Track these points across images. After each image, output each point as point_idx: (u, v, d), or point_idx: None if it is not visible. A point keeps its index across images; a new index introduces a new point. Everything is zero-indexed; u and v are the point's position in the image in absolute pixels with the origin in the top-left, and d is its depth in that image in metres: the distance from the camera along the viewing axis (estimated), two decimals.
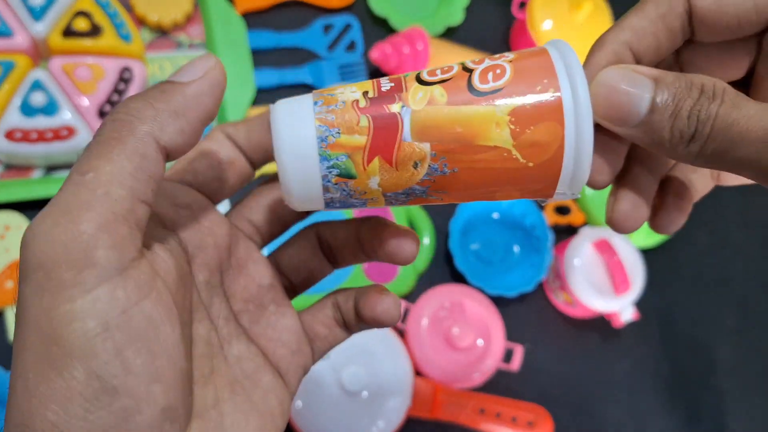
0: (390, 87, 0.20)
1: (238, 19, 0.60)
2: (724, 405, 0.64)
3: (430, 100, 0.20)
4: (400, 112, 0.20)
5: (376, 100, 0.20)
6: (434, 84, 0.20)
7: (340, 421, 0.50)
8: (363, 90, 0.21)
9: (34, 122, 0.51)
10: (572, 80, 0.20)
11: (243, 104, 0.58)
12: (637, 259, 0.58)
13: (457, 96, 0.20)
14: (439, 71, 0.21)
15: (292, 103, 0.21)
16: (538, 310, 0.62)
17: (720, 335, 0.66)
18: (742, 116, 0.19)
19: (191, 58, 0.59)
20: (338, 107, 0.20)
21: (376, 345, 0.53)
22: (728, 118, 0.19)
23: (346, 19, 0.65)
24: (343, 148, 0.20)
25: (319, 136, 0.20)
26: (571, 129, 0.20)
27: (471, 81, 0.20)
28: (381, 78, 0.21)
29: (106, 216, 0.17)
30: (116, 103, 0.53)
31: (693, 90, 0.20)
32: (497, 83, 0.20)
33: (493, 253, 0.62)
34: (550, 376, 0.60)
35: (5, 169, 0.53)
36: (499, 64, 0.21)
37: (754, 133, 0.19)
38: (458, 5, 0.67)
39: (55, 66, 0.52)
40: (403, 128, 0.20)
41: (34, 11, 0.52)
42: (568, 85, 0.20)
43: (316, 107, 0.20)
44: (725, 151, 0.20)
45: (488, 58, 0.21)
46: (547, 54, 0.21)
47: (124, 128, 0.19)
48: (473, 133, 0.20)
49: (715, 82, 0.20)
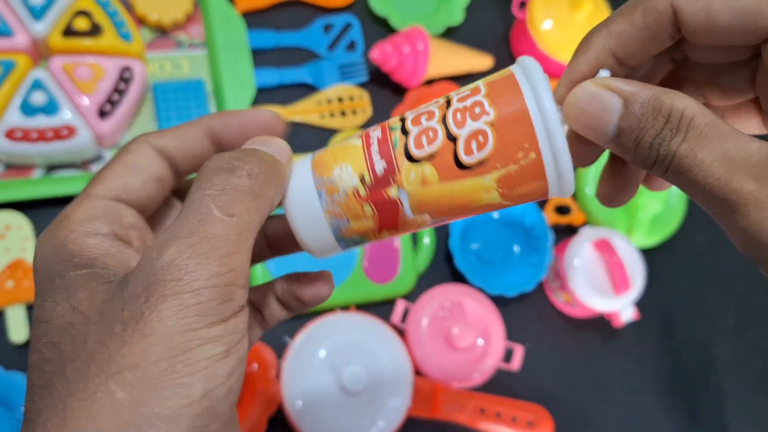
0: (384, 169, 0.22)
1: (238, 19, 0.60)
2: (724, 403, 0.64)
3: (423, 180, 0.22)
4: (398, 196, 0.22)
5: (374, 187, 0.22)
6: (423, 161, 0.22)
7: (341, 421, 0.50)
8: (359, 173, 0.22)
9: (35, 122, 0.51)
10: (551, 137, 0.21)
11: (243, 104, 0.58)
12: (637, 258, 0.58)
13: (446, 173, 0.22)
14: (425, 140, 0.22)
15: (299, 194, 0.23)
16: (538, 310, 0.62)
17: (719, 334, 0.66)
18: (697, 163, 0.19)
19: (191, 58, 0.59)
20: (341, 197, 0.23)
21: (377, 344, 0.53)
22: (685, 161, 0.19)
23: (346, 18, 0.65)
24: (355, 232, 0.23)
25: (333, 228, 0.23)
26: (552, 178, 0.21)
27: (457, 154, 0.22)
28: (370, 136, 0.23)
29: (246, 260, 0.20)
30: (116, 102, 0.53)
31: (658, 118, 0.20)
32: (482, 154, 0.21)
33: (494, 253, 0.62)
34: (550, 376, 0.60)
35: (5, 169, 0.53)
36: (479, 128, 0.21)
37: (702, 186, 0.19)
38: (458, 5, 0.67)
39: (55, 65, 0.52)
40: (403, 208, 0.22)
41: (34, 11, 0.52)
42: (547, 144, 0.21)
43: (322, 200, 0.23)
44: (684, 187, 0.20)
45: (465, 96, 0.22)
46: (524, 102, 0.21)
47: None
48: (466, 201, 0.22)
49: (685, 108, 0.20)
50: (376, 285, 0.56)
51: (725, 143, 0.19)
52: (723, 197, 0.19)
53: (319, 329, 0.52)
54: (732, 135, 0.19)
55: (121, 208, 0.23)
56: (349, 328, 0.53)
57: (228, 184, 0.20)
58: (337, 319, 0.53)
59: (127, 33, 0.55)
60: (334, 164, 0.23)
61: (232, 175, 0.20)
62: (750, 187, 0.19)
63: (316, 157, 0.24)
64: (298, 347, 0.51)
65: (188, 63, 0.59)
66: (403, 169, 0.22)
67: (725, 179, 0.19)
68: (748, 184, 0.19)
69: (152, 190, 0.24)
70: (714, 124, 0.19)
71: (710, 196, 0.19)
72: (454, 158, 0.21)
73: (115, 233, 0.22)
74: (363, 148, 0.23)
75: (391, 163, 0.22)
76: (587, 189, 0.63)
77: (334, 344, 0.52)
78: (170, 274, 0.18)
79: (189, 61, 0.59)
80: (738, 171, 0.19)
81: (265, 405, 0.50)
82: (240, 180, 0.20)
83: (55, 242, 0.21)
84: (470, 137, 0.21)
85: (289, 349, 0.51)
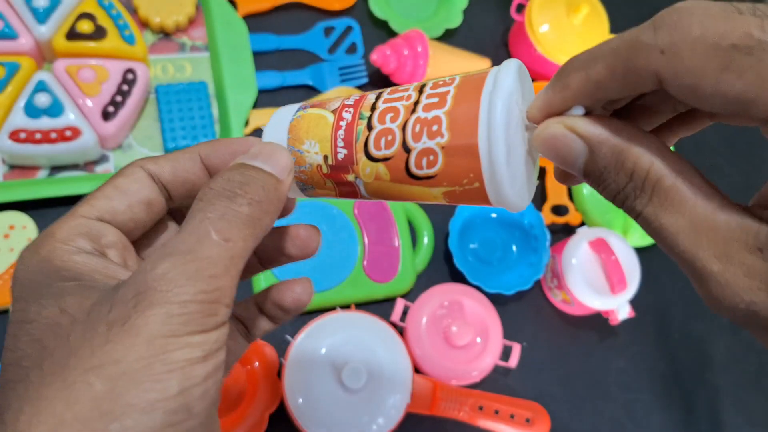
0: (344, 157, 0.24)
1: (240, 22, 0.61)
2: (720, 401, 0.64)
3: (376, 176, 0.24)
4: (354, 181, 0.24)
5: (335, 168, 0.24)
6: (379, 161, 0.23)
7: (340, 418, 0.51)
8: (323, 153, 0.24)
9: (39, 123, 0.51)
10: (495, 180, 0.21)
11: (245, 106, 0.59)
12: (633, 258, 0.59)
13: (397, 176, 0.23)
14: (383, 143, 0.23)
15: None
16: (535, 309, 0.62)
17: (715, 332, 0.66)
18: (663, 230, 0.19)
19: (193, 60, 0.60)
20: (306, 168, 0.25)
21: (377, 343, 0.53)
22: (651, 225, 0.19)
23: (346, 21, 0.66)
24: (319, 195, 0.26)
25: (300, 187, 0.26)
26: (495, 202, 0.22)
27: (408, 165, 0.23)
28: (342, 116, 0.24)
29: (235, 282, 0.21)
30: (119, 104, 0.54)
31: (620, 176, 0.19)
32: (430, 171, 0.23)
33: (492, 253, 0.62)
34: (547, 374, 0.60)
35: (10, 170, 0.53)
36: (431, 148, 0.22)
37: (668, 250, 0.19)
38: (457, 8, 0.68)
39: (59, 68, 0.53)
40: (360, 190, 0.25)
41: (38, 14, 0.53)
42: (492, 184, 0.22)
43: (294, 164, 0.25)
44: (654, 239, 0.20)
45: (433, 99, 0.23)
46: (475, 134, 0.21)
47: None
48: (415, 197, 0.24)
49: (650, 167, 0.19)
50: (376, 284, 0.57)
51: (692, 211, 0.18)
52: (686, 266, 0.19)
53: (320, 328, 0.53)
54: (701, 199, 0.18)
55: (103, 226, 0.23)
56: (349, 327, 0.53)
57: (228, 210, 0.21)
58: (337, 317, 0.53)
59: (131, 36, 0.55)
60: (305, 137, 0.25)
61: (233, 202, 0.21)
62: (713, 268, 0.18)
63: (294, 121, 0.25)
64: (299, 345, 0.52)
65: (191, 65, 0.60)
66: (361, 163, 0.24)
67: (690, 252, 0.19)
68: (711, 264, 0.18)
69: (139, 213, 0.24)
70: (681, 186, 0.19)
71: (677, 258, 0.19)
72: (405, 167, 0.23)
73: (97, 251, 0.23)
74: (332, 128, 0.24)
75: (351, 154, 0.24)
76: (584, 189, 0.64)
77: (334, 342, 0.53)
78: (161, 285, 0.19)
79: (191, 64, 0.60)
80: (703, 247, 0.18)
81: (267, 402, 0.50)
82: (240, 208, 0.21)
83: (39, 257, 0.22)
84: (422, 153, 0.22)
85: (291, 348, 0.52)
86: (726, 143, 0.75)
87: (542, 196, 0.65)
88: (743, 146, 0.76)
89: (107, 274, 0.21)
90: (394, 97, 0.24)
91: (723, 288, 0.18)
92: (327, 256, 0.57)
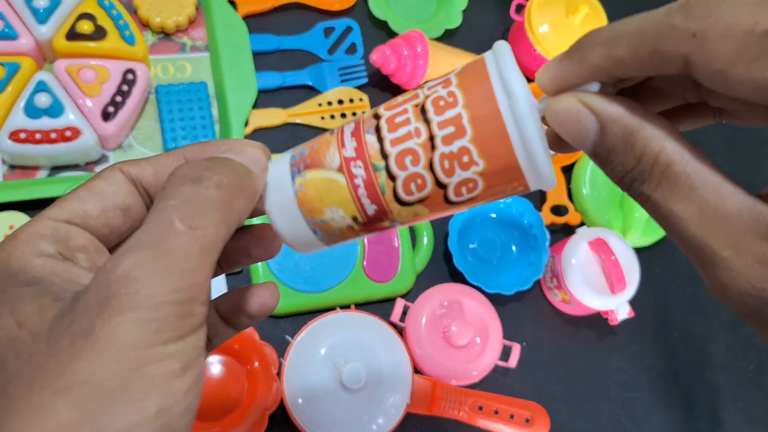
0: (375, 211, 0.23)
1: (240, 22, 0.61)
2: (719, 400, 0.64)
3: (414, 214, 0.23)
4: (391, 225, 0.23)
5: (368, 223, 0.23)
6: (414, 204, 0.22)
7: (340, 418, 0.51)
8: (351, 216, 0.23)
9: (39, 123, 0.51)
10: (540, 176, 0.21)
11: (245, 106, 0.59)
12: (632, 257, 0.59)
13: (436, 208, 0.23)
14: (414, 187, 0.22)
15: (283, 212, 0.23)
16: (535, 309, 0.63)
17: (714, 331, 0.67)
18: (672, 216, 0.18)
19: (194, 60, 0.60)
20: (336, 232, 0.23)
21: (376, 342, 0.53)
22: (660, 210, 0.19)
23: (346, 22, 0.66)
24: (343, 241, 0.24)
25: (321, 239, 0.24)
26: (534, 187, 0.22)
27: (447, 196, 0.22)
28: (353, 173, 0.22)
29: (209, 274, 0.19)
30: (120, 104, 0.54)
31: (629, 157, 0.19)
32: (472, 194, 0.22)
33: (491, 253, 0.63)
34: (547, 374, 0.60)
35: (10, 170, 0.54)
36: (469, 178, 0.21)
37: (675, 236, 0.19)
38: (456, 8, 0.68)
39: (59, 68, 0.53)
40: (395, 228, 0.24)
41: (38, 14, 0.53)
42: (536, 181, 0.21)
43: (317, 235, 0.23)
44: (660, 225, 0.19)
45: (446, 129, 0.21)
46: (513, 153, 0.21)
47: None
48: (453, 213, 0.24)
49: (660, 152, 0.19)
50: (375, 284, 0.57)
51: (703, 198, 0.18)
52: (695, 251, 0.19)
53: (320, 328, 0.53)
54: (712, 187, 0.18)
55: (71, 229, 0.21)
56: (349, 327, 0.53)
57: (194, 194, 0.19)
58: (337, 317, 0.54)
59: (131, 36, 0.55)
60: (323, 206, 0.23)
61: (198, 185, 0.19)
62: (724, 254, 0.18)
63: (299, 194, 0.23)
64: (299, 345, 0.52)
65: (191, 66, 0.60)
66: (395, 211, 0.22)
67: (700, 237, 0.18)
68: (723, 250, 0.18)
69: (114, 218, 0.22)
70: (692, 173, 0.18)
71: (684, 245, 0.19)
72: (444, 199, 0.22)
73: (62, 253, 0.21)
74: (349, 190, 0.22)
75: (382, 207, 0.22)
76: (584, 189, 0.64)
77: (334, 342, 0.53)
78: (126, 287, 0.17)
79: (192, 64, 0.60)
80: (713, 233, 0.18)
81: (267, 402, 0.51)
82: (207, 191, 0.19)
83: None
84: (460, 185, 0.22)
85: (291, 348, 0.52)
86: (726, 143, 0.75)
87: (542, 196, 0.65)
88: (743, 146, 0.76)
89: (69, 278, 0.20)
90: (399, 136, 0.22)
91: (733, 276, 0.18)
92: (327, 256, 0.57)
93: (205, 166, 0.20)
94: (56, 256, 0.20)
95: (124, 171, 0.23)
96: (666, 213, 0.19)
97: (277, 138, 0.61)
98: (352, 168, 0.22)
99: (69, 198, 0.22)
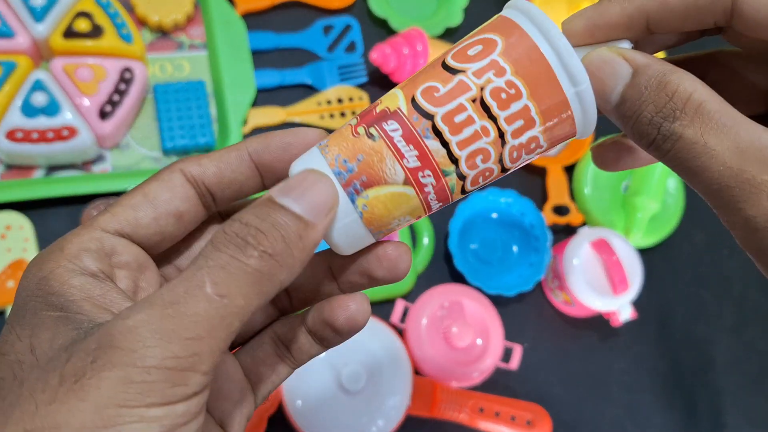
0: (440, 206, 0.22)
1: (239, 20, 0.61)
2: (722, 402, 0.64)
3: None
4: None
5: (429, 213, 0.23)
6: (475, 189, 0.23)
7: (340, 420, 0.51)
8: (416, 216, 0.22)
9: (36, 122, 0.51)
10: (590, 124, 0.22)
11: (243, 105, 0.58)
12: (635, 258, 0.59)
13: None
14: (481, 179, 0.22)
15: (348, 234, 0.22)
16: (536, 310, 0.62)
17: (717, 333, 0.66)
18: (706, 151, 0.18)
19: (191, 59, 0.59)
20: (395, 229, 0.23)
21: (376, 344, 0.53)
22: (692, 147, 0.19)
23: (345, 20, 0.65)
24: None
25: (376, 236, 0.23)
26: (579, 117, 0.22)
27: (505, 172, 0.22)
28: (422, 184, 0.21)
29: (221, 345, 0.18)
30: (117, 103, 0.53)
31: (661, 95, 0.19)
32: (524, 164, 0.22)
33: (492, 253, 0.62)
34: (548, 375, 0.60)
35: (6, 169, 0.53)
36: (532, 157, 0.22)
37: (710, 173, 0.18)
38: (457, 6, 0.68)
39: (56, 66, 0.52)
40: None
41: (35, 12, 0.52)
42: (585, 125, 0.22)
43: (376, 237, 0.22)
44: (685, 174, 0.19)
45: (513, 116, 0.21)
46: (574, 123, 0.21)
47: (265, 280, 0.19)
48: None
49: (694, 92, 0.19)
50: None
51: (737, 132, 0.18)
52: (732, 185, 0.18)
53: None
54: (744, 123, 0.18)
55: (118, 243, 0.21)
56: None
57: (233, 261, 0.18)
58: None
59: (128, 34, 0.55)
60: (391, 218, 0.22)
61: (241, 252, 0.18)
62: (765, 177, 0.18)
63: (365, 216, 0.21)
64: None
65: (189, 64, 0.60)
66: (457, 198, 0.22)
67: (737, 168, 0.18)
68: (763, 175, 0.18)
69: (166, 225, 0.22)
70: (725, 111, 0.19)
71: (716, 184, 0.18)
72: (501, 172, 0.22)
73: (104, 271, 0.20)
74: (420, 200, 0.21)
75: (448, 201, 0.22)
76: (586, 189, 0.64)
77: None
78: (126, 342, 0.16)
79: (190, 62, 0.60)
80: (751, 161, 0.18)
81: (266, 404, 0.50)
82: (248, 260, 0.18)
83: (41, 274, 0.20)
84: (520, 164, 0.22)
85: None
86: None
87: (543, 196, 0.65)
88: None
89: (101, 304, 0.19)
90: (466, 137, 0.21)
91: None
92: None
93: (255, 228, 0.18)
94: (97, 275, 0.20)
95: (185, 172, 0.22)
96: (700, 151, 0.18)
97: None
98: (421, 178, 0.21)
99: (123, 203, 0.22)
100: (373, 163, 0.21)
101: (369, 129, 0.21)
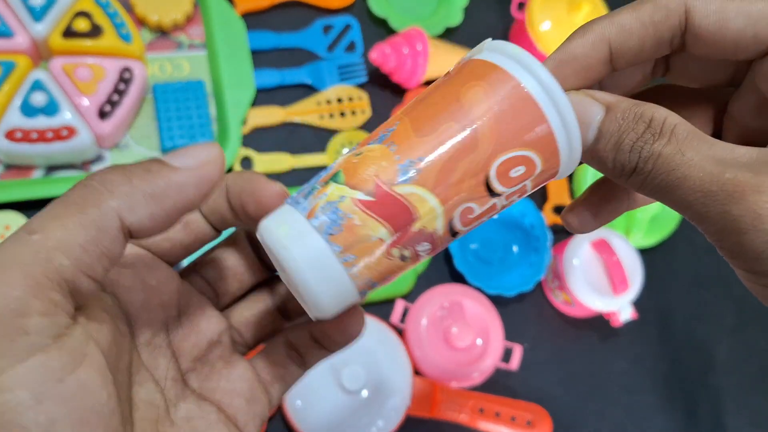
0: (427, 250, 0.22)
1: (238, 20, 0.60)
2: (722, 403, 0.64)
3: None
4: None
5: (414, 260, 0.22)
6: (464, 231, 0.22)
7: (339, 420, 0.51)
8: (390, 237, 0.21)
9: (35, 122, 0.51)
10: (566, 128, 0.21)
11: (243, 105, 0.58)
12: (635, 258, 0.59)
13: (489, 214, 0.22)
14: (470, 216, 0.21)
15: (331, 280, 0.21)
16: (536, 310, 0.62)
17: (718, 334, 0.66)
18: (685, 161, 0.19)
19: (191, 59, 0.59)
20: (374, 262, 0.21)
21: (376, 344, 0.53)
22: (672, 159, 0.19)
23: (345, 19, 0.65)
24: None
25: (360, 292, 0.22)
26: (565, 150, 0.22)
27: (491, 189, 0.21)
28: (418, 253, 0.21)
29: (41, 281, 0.16)
30: (116, 103, 0.53)
31: (639, 123, 0.20)
32: (521, 184, 0.22)
33: (492, 253, 0.62)
34: (548, 376, 0.60)
35: (5, 169, 0.53)
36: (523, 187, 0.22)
37: (691, 182, 0.19)
38: (457, 6, 0.68)
39: (55, 66, 0.52)
40: None
41: (34, 12, 0.52)
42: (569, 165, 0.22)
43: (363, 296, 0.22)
44: (666, 191, 0.20)
45: None
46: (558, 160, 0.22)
47: (90, 197, 0.18)
48: None
49: (667, 116, 0.20)
50: None
51: (711, 147, 0.19)
52: (714, 190, 0.19)
53: None
54: (717, 141, 0.19)
55: None
56: None
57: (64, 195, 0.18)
58: None
59: (127, 34, 0.55)
60: (387, 282, 0.22)
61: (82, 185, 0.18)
62: (745, 176, 0.18)
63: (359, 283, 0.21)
64: None
65: (188, 64, 0.60)
66: (446, 243, 0.22)
67: (717, 172, 0.19)
68: (743, 174, 0.18)
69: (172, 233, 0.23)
70: (696, 133, 0.20)
71: (698, 192, 0.19)
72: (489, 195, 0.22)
73: None
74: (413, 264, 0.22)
75: (435, 246, 0.22)
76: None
77: None
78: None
79: (189, 62, 0.60)
80: (730, 166, 0.19)
81: None
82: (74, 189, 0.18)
83: None
84: (511, 194, 0.22)
85: None
86: None
87: (543, 196, 0.65)
88: None
89: None
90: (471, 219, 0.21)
91: (758, 192, 0.18)
92: None
93: None
94: None
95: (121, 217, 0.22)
96: (679, 162, 0.19)
97: (275, 137, 0.60)
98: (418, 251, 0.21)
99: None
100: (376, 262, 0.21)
101: (403, 251, 0.21)
